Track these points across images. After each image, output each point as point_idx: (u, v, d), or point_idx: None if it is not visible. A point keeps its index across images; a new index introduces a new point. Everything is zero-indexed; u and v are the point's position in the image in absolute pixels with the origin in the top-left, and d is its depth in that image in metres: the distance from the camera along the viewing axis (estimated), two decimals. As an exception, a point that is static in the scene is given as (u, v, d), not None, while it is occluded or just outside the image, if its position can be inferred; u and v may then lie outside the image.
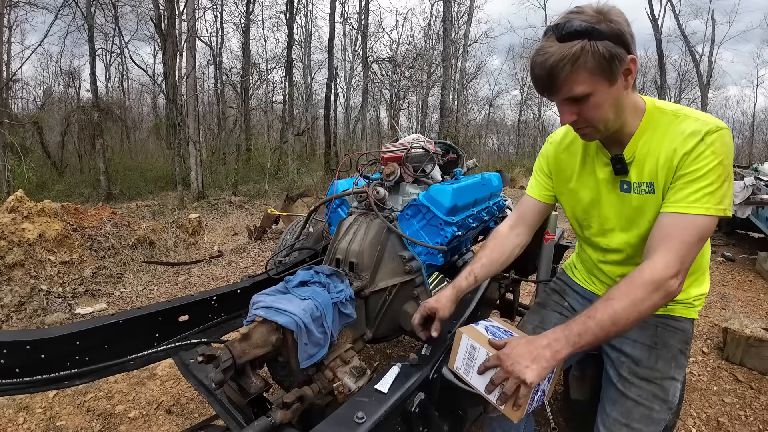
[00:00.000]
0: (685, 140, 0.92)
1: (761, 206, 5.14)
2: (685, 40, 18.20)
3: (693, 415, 2.20)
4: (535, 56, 0.89)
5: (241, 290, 1.68)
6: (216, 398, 1.20)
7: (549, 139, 1.28)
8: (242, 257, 5.04)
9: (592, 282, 1.29)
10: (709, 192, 0.89)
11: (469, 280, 1.21)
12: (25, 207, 4.07)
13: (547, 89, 0.92)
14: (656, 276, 0.86)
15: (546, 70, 0.87)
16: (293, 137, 13.09)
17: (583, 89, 0.88)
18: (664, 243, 0.90)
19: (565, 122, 0.96)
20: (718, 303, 3.76)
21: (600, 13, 0.85)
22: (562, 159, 1.20)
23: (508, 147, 31.13)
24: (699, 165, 0.90)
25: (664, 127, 0.97)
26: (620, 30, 0.85)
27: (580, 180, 1.16)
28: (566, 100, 0.92)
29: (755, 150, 25.83)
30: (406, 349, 2.75)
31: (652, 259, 0.89)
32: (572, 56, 0.84)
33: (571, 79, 0.87)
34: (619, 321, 0.86)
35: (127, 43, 16.35)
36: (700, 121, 0.92)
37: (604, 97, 0.90)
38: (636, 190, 1.03)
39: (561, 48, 0.85)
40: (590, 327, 0.86)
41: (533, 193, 1.28)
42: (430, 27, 20.67)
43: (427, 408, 1.06)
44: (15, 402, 2.14)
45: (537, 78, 0.91)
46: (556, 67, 0.86)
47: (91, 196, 10.51)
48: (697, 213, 0.89)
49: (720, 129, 0.90)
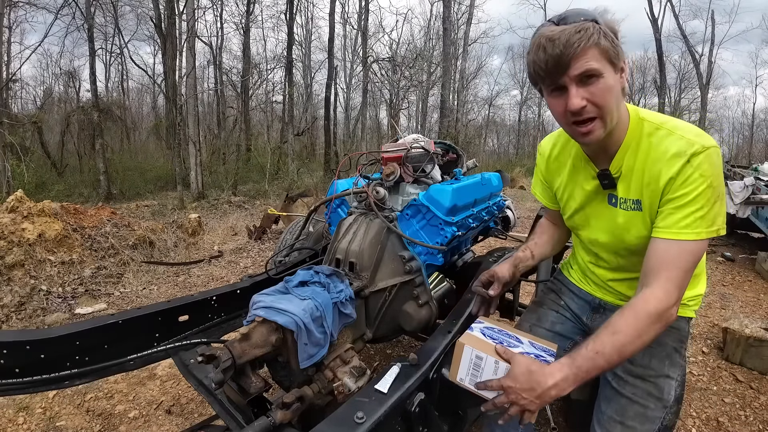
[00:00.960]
0: (670, 162, 0.91)
1: (761, 206, 5.14)
2: (685, 40, 18.20)
3: (693, 415, 2.20)
4: (540, 39, 0.86)
5: (240, 290, 1.68)
6: (216, 398, 1.20)
7: (539, 150, 1.29)
8: (242, 257, 5.04)
9: (587, 282, 1.30)
10: (700, 216, 0.89)
11: (526, 253, 1.28)
12: (25, 207, 4.07)
13: (556, 68, 0.86)
14: (660, 307, 0.88)
15: (560, 46, 0.84)
16: (293, 137, 13.09)
17: (597, 65, 0.85)
18: (662, 271, 0.90)
19: (577, 106, 0.88)
20: (717, 303, 3.76)
21: (596, 13, 0.88)
22: (552, 169, 1.23)
23: (507, 147, 31.14)
24: (687, 189, 0.89)
25: (647, 141, 0.96)
26: (615, 29, 0.88)
27: (567, 190, 1.18)
28: (578, 78, 0.86)
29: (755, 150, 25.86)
30: (406, 349, 2.75)
31: (653, 288, 0.90)
32: (585, 30, 0.83)
33: (586, 52, 0.84)
34: (625, 353, 0.88)
35: (127, 43, 16.38)
36: (685, 140, 0.90)
37: (612, 82, 0.88)
38: (623, 206, 1.03)
39: (572, 26, 0.84)
40: (598, 363, 0.87)
41: (547, 203, 1.33)
42: (429, 27, 20.68)
43: (427, 408, 1.06)
44: (15, 402, 2.14)
45: (548, 57, 0.86)
46: (570, 39, 0.83)
47: (91, 196, 10.51)
48: (690, 239, 0.89)
49: (706, 149, 0.88)
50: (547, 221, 1.39)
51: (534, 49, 0.88)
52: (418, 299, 1.51)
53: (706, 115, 18.98)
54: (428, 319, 1.52)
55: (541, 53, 0.87)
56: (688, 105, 22.05)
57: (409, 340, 2.72)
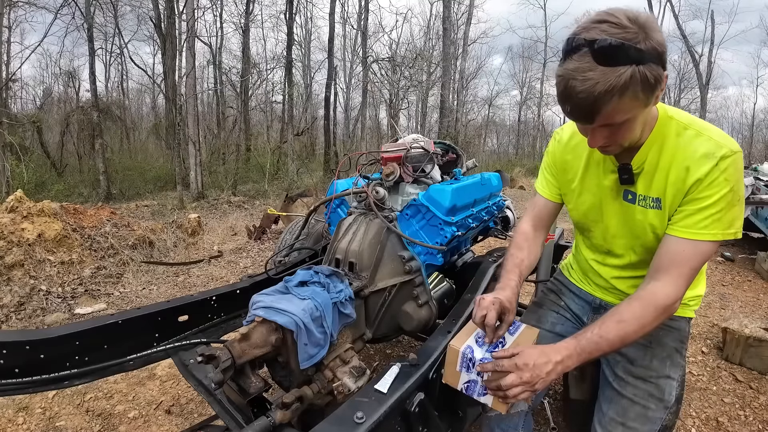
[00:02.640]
0: (699, 162, 0.90)
1: (760, 206, 5.14)
2: (685, 40, 18.22)
3: (692, 415, 2.20)
4: (573, 81, 0.77)
5: (240, 290, 1.68)
6: (215, 398, 1.20)
7: (555, 135, 1.23)
8: (242, 257, 5.04)
9: (588, 282, 1.30)
10: (718, 219, 0.90)
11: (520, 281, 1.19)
12: (25, 207, 4.06)
13: (585, 117, 0.82)
14: (668, 302, 0.92)
15: (591, 100, 0.76)
16: (293, 137, 13.08)
17: (623, 117, 0.81)
18: (674, 268, 0.93)
19: (596, 146, 0.90)
20: (717, 303, 3.76)
21: (636, 24, 0.75)
22: (567, 160, 1.18)
23: (507, 147, 31.13)
24: (711, 191, 0.89)
25: (675, 140, 0.94)
26: (661, 47, 0.77)
27: (582, 183, 1.14)
28: (602, 126, 0.85)
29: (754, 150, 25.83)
30: (406, 349, 2.75)
31: (663, 283, 0.92)
32: (622, 86, 0.74)
33: (617, 108, 0.78)
34: (627, 340, 0.93)
35: (127, 43, 16.43)
36: (713, 142, 0.90)
37: (639, 119, 0.86)
38: (641, 203, 1.01)
39: (606, 75, 0.74)
40: (601, 347, 0.91)
41: (544, 192, 1.26)
42: (429, 27, 20.70)
43: (427, 408, 1.06)
44: (14, 402, 2.14)
45: (576, 106, 0.80)
46: (603, 97, 0.76)
47: (91, 196, 10.51)
48: (705, 240, 0.91)
49: (734, 153, 0.89)
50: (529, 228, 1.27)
51: (566, 88, 0.79)
52: (417, 299, 1.51)
53: (706, 115, 19.00)
54: (428, 319, 1.52)
55: (574, 97, 0.78)
56: (688, 105, 22.08)
57: (409, 340, 2.72)
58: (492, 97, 27.02)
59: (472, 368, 0.98)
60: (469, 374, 1.00)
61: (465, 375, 1.01)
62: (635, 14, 0.77)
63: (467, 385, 1.01)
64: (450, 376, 1.04)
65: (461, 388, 1.02)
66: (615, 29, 0.75)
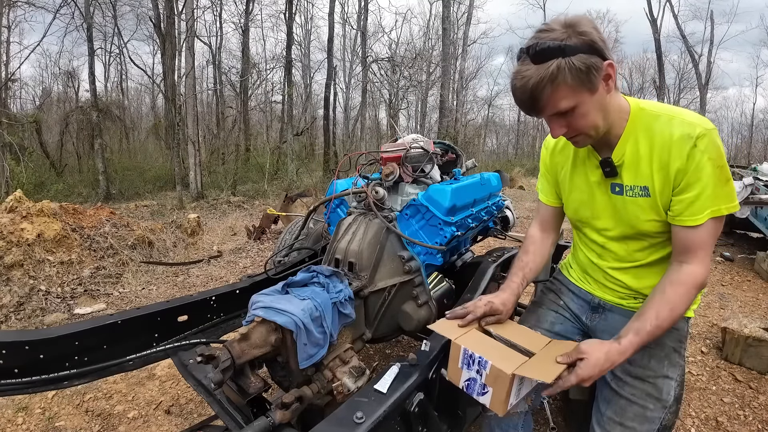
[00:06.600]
0: (678, 144, 0.95)
1: (760, 206, 5.15)
2: (684, 41, 18.22)
3: (692, 415, 2.20)
4: (514, 81, 0.92)
5: (240, 290, 1.68)
6: (215, 398, 1.20)
7: (545, 144, 1.32)
8: (241, 257, 5.04)
9: (587, 281, 1.30)
10: (716, 195, 0.95)
11: (523, 284, 1.26)
12: (24, 207, 4.06)
13: (532, 109, 0.95)
14: (704, 279, 1.00)
15: (528, 93, 0.90)
16: (292, 137, 13.07)
17: (567, 104, 0.91)
18: (698, 250, 0.99)
19: (557, 135, 1.00)
20: (716, 303, 3.76)
21: (568, 26, 0.88)
22: (557, 162, 1.25)
23: (507, 147, 31.16)
24: (700, 175, 0.94)
25: (650, 128, 1.00)
26: (591, 40, 0.88)
27: (572, 181, 1.20)
28: (553, 115, 0.96)
29: (754, 150, 25.89)
30: (406, 349, 2.75)
31: (695, 265, 0.99)
32: (550, 76, 0.87)
33: (554, 97, 0.90)
34: (674, 323, 1.00)
35: (126, 43, 16.41)
36: (687, 123, 0.95)
37: (589, 106, 0.93)
38: (629, 193, 1.06)
39: (537, 70, 0.88)
40: (655, 335, 0.97)
41: (545, 199, 1.33)
42: (429, 27, 20.69)
43: (426, 408, 1.06)
44: (14, 402, 2.14)
45: (520, 101, 0.94)
46: (536, 89, 0.89)
47: (90, 196, 10.49)
48: (714, 216, 0.96)
49: (708, 131, 0.93)
50: (536, 232, 1.35)
51: (512, 88, 0.94)
52: (417, 299, 1.51)
53: (705, 115, 18.97)
54: (427, 319, 1.52)
55: (517, 94, 0.93)
56: (687, 105, 22.10)
57: (409, 340, 2.72)
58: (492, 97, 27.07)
59: (473, 365, 0.98)
60: (470, 372, 1.00)
61: (465, 372, 1.00)
62: (570, 19, 0.89)
63: (468, 383, 1.01)
64: (453, 372, 1.04)
65: (462, 386, 1.02)
66: (546, 34, 0.88)
